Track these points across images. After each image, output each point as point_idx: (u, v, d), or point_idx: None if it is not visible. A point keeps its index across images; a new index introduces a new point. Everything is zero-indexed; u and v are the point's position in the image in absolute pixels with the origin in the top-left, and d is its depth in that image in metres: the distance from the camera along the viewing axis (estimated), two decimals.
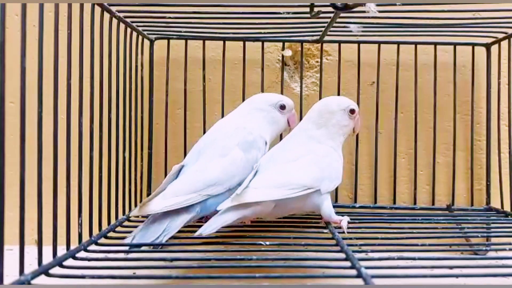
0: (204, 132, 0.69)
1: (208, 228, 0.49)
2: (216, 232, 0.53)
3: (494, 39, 0.71)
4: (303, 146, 0.58)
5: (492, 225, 0.64)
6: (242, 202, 0.50)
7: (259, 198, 0.51)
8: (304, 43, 0.74)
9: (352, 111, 0.60)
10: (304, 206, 0.57)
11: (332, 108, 0.60)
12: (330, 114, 0.59)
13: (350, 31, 0.67)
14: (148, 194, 0.72)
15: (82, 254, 0.46)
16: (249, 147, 0.58)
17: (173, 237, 0.51)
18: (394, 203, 0.74)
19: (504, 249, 0.50)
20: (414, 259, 0.43)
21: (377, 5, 0.50)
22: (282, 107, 0.62)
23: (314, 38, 0.71)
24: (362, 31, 0.67)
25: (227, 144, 0.57)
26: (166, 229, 0.50)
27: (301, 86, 0.74)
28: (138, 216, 0.59)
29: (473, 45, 0.73)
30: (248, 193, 0.51)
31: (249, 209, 0.52)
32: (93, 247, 0.48)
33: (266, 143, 0.61)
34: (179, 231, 0.52)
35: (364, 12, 0.50)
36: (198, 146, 0.60)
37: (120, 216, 0.61)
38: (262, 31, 0.68)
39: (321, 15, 0.53)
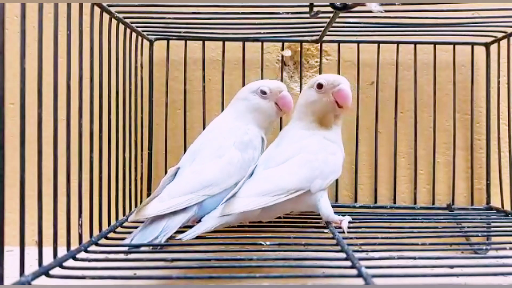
0: None
1: (188, 236, 0.50)
2: (217, 232, 0.53)
3: (493, 38, 0.71)
4: (295, 143, 0.57)
5: (492, 224, 0.65)
6: (228, 213, 0.51)
7: (244, 208, 0.51)
8: (303, 43, 0.74)
9: (319, 86, 0.58)
10: (296, 207, 0.57)
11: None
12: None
13: (350, 31, 0.67)
14: (148, 195, 0.72)
15: (82, 254, 0.46)
16: (245, 147, 0.58)
17: (173, 238, 0.51)
18: (394, 202, 0.74)
19: (505, 248, 0.50)
20: (414, 258, 0.43)
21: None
22: (263, 92, 0.60)
23: (314, 38, 0.72)
24: (361, 31, 0.67)
25: (223, 144, 0.57)
26: (164, 229, 0.50)
27: (300, 86, 0.74)
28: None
29: (473, 44, 0.73)
30: (234, 204, 0.51)
31: (232, 216, 0.52)
32: (93, 247, 0.48)
33: (263, 139, 0.61)
34: (180, 232, 0.52)
35: (363, 12, 0.50)
36: (193, 147, 0.59)
37: (120, 216, 0.61)
38: (262, 31, 0.68)
39: (320, 15, 0.53)
